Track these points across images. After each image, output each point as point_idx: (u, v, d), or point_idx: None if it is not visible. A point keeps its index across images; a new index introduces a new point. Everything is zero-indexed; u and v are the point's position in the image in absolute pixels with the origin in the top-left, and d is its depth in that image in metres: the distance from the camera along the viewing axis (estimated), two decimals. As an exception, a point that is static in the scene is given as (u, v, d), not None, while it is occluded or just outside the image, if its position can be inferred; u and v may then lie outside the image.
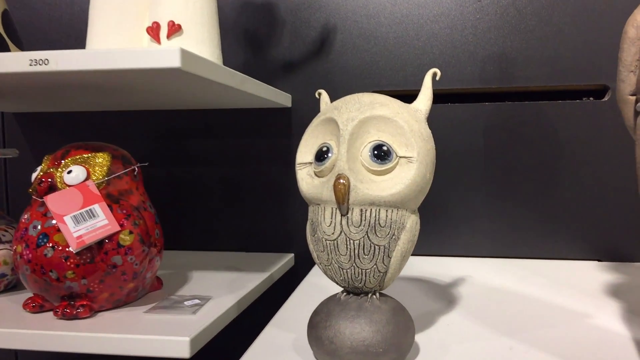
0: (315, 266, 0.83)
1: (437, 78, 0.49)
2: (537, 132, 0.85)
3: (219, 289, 0.69)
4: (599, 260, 0.84)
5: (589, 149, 0.83)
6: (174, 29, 0.57)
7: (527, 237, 0.86)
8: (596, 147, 0.83)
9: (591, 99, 0.83)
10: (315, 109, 0.90)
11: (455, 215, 0.88)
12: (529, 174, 0.85)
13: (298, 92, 0.91)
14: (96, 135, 0.96)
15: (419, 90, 0.49)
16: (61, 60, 0.50)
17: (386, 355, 0.44)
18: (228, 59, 0.91)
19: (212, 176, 0.94)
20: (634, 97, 0.41)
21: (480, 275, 0.76)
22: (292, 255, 0.92)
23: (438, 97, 0.88)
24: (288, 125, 0.92)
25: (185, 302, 0.62)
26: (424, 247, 0.89)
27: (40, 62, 0.51)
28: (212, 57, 0.61)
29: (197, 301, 0.62)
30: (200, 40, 0.59)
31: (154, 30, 0.58)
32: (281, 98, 0.85)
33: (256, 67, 0.91)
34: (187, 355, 0.51)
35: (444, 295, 0.67)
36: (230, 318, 0.62)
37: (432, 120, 0.86)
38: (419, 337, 0.53)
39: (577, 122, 0.83)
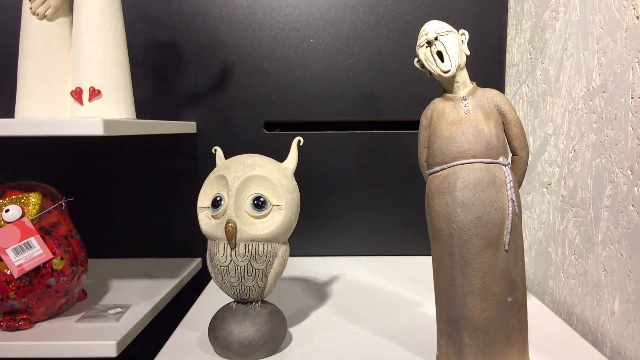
0: (219, 270, 1.00)
1: (301, 144, 0.67)
2: (397, 154, 1.06)
3: (136, 297, 0.83)
4: (443, 256, 1.07)
5: (436, 169, 1.05)
6: (95, 93, 0.70)
7: (389, 238, 1.08)
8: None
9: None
10: (216, 134, 1.05)
11: (333, 222, 1.07)
12: (391, 188, 1.07)
13: (202, 120, 1.06)
14: (14, 156, 1.05)
15: (303, 120, 0.66)
16: (2, 127, 0.63)
17: (265, 347, 0.62)
18: (139, 92, 1.03)
19: (125, 192, 1.07)
20: (426, 164, 0.61)
21: (350, 272, 0.96)
22: (199, 259, 1.08)
23: (319, 126, 1.06)
24: (194, 148, 1.06)
25: (109, 311, 0.76)
26: (309, 249, 1.08)
27: (-17, 129, 0.63)
28: (127, 113, 0.75)
29: (118, 310, 0.77)
30: (117, 102, 0.72)
31: (77, 94, 0.70)
32: (187, 127, 1.00)
33: (164, 98, 1.05)
34: (114, 354, 0.67)
35: (318, 293, 0.86)
36: (147, 321, 0.77)
37: (315, 145, 1.05)
38: (293, 329, 0.71)
39: (427, 147, 1.05)
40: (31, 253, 0.69)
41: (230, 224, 0.60)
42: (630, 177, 0.61)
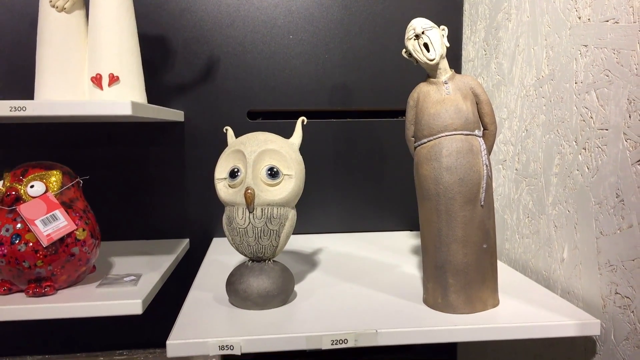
0: (210, 247, 1.08)
1: (305, 123, 0.77)
2: (369, 140, 1.18)
3: (142, 269, 0.90)
4: (410, 230, 1.21)
5: (402, 152, 1.18)
6: (114, 79, 0.78)
7: (363, 217, 1.20)
8: (404, 150, 1.18)
9: (403, 117, 1.18)
10: (203, 123, 1.13)
11: (311, 203, 1.18)
12: (364, 171, 1.18)
13: (189, 109, 1.13)
14: (11, 144, 1.08)
15: (283, 109, 0.78)
16: (37, 107, 0.69)
17: (278, 297, 0.72)
18: (129, 82, 1.10)
19: (115, 178, 1.13)
20: (413, 138, 0.73)
21: (332, 246, 1.07)
22: (187, 240, 1.15)
23: (298, 115, 1.16)
24: (181, 135, 1.14)
25: (124, 279, 0.83)
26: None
27: (19, 109, 0.69)
28: (141, 98, 0.82)
29: (132, 277, 0.84)
30: (133, 87, 0.80)
31: (97, 80, 0.77)
32: (175, 115, 1.07)
33: (153, 89, 1.11)
34: (140, 312, 0.74)
35: (308, 261, 0.96)
36: (159, 286, 0.85)
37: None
38: (297, 287, 0.81)
39: (395, 133, 1.18)
40: (57, 224, 0.75)
41: (249, 191, 0.69)
42: (575, 147, 0.75)
